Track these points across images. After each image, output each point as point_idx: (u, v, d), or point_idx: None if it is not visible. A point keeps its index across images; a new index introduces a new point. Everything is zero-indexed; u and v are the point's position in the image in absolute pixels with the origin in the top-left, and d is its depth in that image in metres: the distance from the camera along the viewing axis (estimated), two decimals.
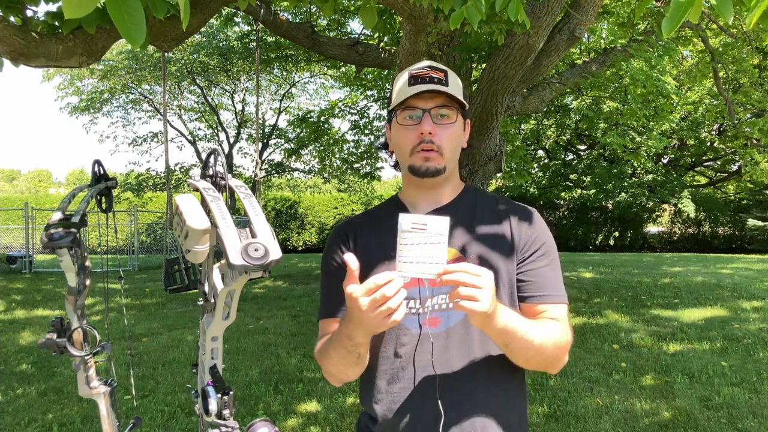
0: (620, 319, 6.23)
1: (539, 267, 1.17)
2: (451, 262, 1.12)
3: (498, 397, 1.16)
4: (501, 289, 1.15)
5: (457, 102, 1.17)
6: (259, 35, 6.82)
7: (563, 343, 1.13)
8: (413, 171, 1.18)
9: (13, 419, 3.64)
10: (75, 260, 1.01)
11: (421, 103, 1.15)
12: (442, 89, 1.14)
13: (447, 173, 1.18)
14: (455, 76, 1.20)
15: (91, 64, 3.40)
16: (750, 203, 19.80)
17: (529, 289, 1.17)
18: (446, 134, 1.16)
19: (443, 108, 1.15)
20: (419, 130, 1.14)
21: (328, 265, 1.27)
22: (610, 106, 9.53)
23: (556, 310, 1.16)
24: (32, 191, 52.20)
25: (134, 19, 0.80)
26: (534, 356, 1.10)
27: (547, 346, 1.10)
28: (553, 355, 1.12)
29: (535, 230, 1.20)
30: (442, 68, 1.18)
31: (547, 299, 1.16)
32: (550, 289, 1.17)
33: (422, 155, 1.15)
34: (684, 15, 1.03)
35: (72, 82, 17.55)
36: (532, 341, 1.07)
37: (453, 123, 1.16)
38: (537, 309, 1.16)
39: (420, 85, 1.14)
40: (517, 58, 4.79)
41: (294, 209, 22.13)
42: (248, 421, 0.90)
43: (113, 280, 2.13)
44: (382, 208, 1.31)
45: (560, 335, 1.13)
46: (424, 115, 1.15)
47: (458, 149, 1.21)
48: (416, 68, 1.18)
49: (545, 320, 1.15)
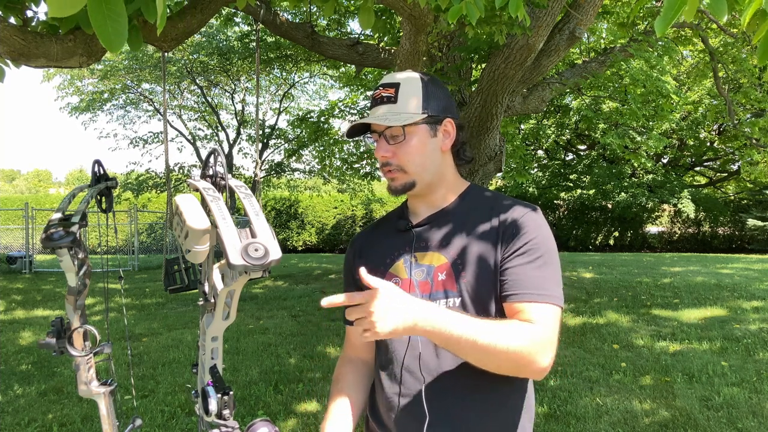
0: (620, 319, 6.23)
1: (518, 265, 1.11)
2: (437, 269, 1.18)
3: (487, 402, 1.15)
4: (484, 293, 1.13)
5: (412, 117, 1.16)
6: (259, 35, 6.82)
7: (525, 349, 1.02)
8: (388, 190, 1.23)
9: (13, 419, 3.64)
10: (75, 260, 1.01)
11: (376, 127, 1.19)
12: (382, 113, 1.15)
13: (422, 185, 1.19)
14: (412, 82, 1.17)
15: (91, 65, 3.39)
16: (750, 203, 19.79)
17: (506, 288, 1.11)
18: (402, 152, 1.17)
19: (392, 128, 1.16)
20: (379, 154, 1.18)
21: (343, 273, 1.37)
22: (610, 106, 9.53)
23: (536, 310, 1.07)
24: (32, 191, 52.21)
25: (116, 24, 0.80)
26: (482, 358, 1.03)
27: (497, 353, 1.01)
28: (511, 358, 1.02)
29: (523, 227, 1.13)
30: (394, 82, 1.17)
31: (524, 297, 1.08)
32: (529, 288, 1.09)
33: (388, 176, 1.20)
34: (677, 14, 1.03)
35: (72, 82, 17.54)
36: (474, 343, 1.00)
37: (403, 141, 1.16)
38: (514, 308, 1.09)
39: (372, 110, 1.19)
40: (517, 58, 4.79)
41: (294, 209, 22.13)
42: (248, 421, 0.90)
43: (113, 280, 2.13)
44: (390, 215, 1.36)
45: (523, 340, 1.02)
46: (379, 139, 1.18)
47: (429, 158, 1.18)
48: (376, 88, 1.20)
49: (513, 322, 1.07)
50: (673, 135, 18.26)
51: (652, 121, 8.85)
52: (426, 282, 1.17)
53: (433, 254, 1.18)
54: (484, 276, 1.13)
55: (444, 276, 1.15)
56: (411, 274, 1.18)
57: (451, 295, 1.14)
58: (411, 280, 1.17)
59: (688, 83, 13.57)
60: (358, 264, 1.23)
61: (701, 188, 21.22)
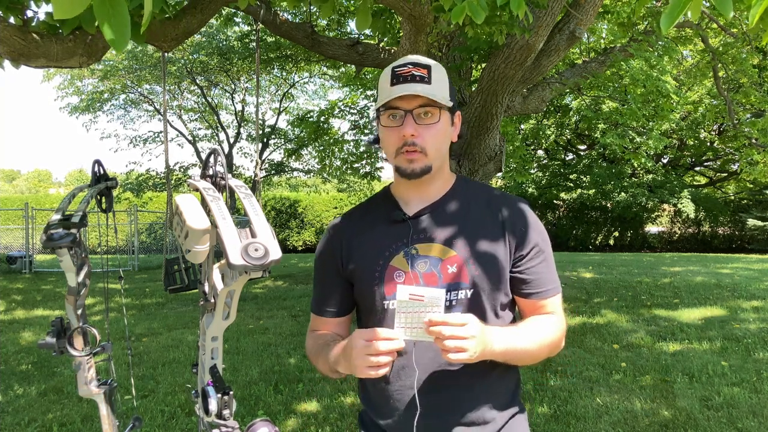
0: (620, 319, 6.23)
1: (536, 265, 1.20)
2: (445, 261, 1.17)
3: (482, 391, 1.19)
4: (495, 285, 1.18)
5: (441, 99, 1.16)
6: (259, 35, 6.83)
7: (558, 338, 1.22)
8: (399, 172, 1.18)
9: (13, 419, 3.64)
10: (75, 260, 1.01)
11: (403, 104, 1.13)
12: (422, 91, 1.11)
13: (434, 171, 1.18)
14: (440, 69, 1.18)
15: (91, 65, 3.39)
16: (750, 203, 19.80)
17: (529, 288, 1.20)
18: (430, 134, 1.14)
19: (426, 107, 1.13)
20: (401, 132, 1.13)
21: (320, 261, 1.31)
22: (610, 106, 9.53)
23: (553, 303, 1.23)
24: (32, 191, 52.23)
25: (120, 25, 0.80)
26: (532, 360, 1.20)
27: (543, 350, 1.19)
28: (549, 352, 1.21)
29: (529, 226, 1.20)
30: (425, 63, 1.15)
31: (546, 294, 1.21)
32: (548, 284, 1.21)
33: (406, 157, 1.14)
34: (682, 11, 1.02)
35: (72, 82, 17.55)
36: (529, 350, 1.15)
37: (436, 122, 1.14)
38: (537, 305, 1.22)
39: (401, 86, 1.11)
40: (517, 58, 4.79)
41: (294, 209, 22.14)
42: (248, 421, 0.90)
43: (113, 280, 2.14)
44: (373, 204, 1.31)
45: (556, 332, 1.21)
46: (406, 117, 1.13)
47: (445, 146, 1.19)
48: (399, 65, 1.14)
49: (542, 319, 1.21)
50: (673, 135, 18.27)
51: (652, 121, 8.86)
52: (432, 274, 1.16)
53: (439, 246, 1.17)
54: (494, 270, 1.17)
55: (455, 269, 1.16)
56: (414, 267, 1.17)
57: (463, 287, 1.16)
58: (414, 272, 1.17)
59: (688, 83, 13.57)
60: (350, 254, 1.24)
61: (701, 188, 21.23)
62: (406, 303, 1.00)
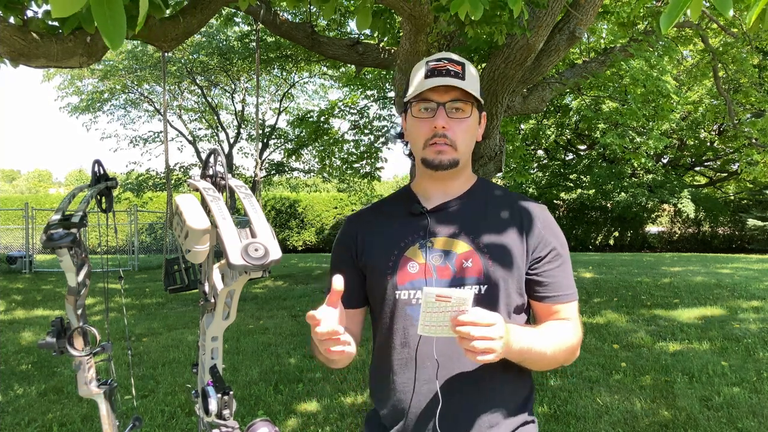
0: (620, 319, 6.23)
1: (553, 268, 1.19)
2: (461, 256, 1.16)
3: (499, 385, 1.18)
4: (509, 284, 1.17)
5: (474, 96, 1.17)
6: (259, 35, 6.83)
7: (575, 345, 1.19)
8: (426, 164, 1.19)
9: (13, 419, 3.64)
10: (75, 260, 1.01)
11: (436, 96, 1.15)
12: (457, 84, 1.14)
13: (460, 166, 1.19)
14: (472, 68, 1.20)
15: (91, 65, 3.39)
16: (750, 203, 19.80)
17: (545, 291, 1.20)
18: (460, 128, 1.16)
19: (458, 102, 1.16)
20: (433, 124, 1.15)
21: (336, 251, 1.31)
22: (610, 106, 9.53)
23: (569, 309, 1.21)
24: (32, 191, 52.20)
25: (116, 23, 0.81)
26: (547, 364, 1.18)
27: (558, 355, 1.16)
28: (564, 358, 1.19)
29: (548, 230, 1.21)
30: (460, 61, 1.18)
31: (562, 299, 1.20)
32: (564, 289, 1.20)
33: (435, 148, 1.16)
34: (682, 10, 1.02)
35: (72, 82, 17.55)
36: (545, 353, 1.13)
37: (467, 117, 1.17)
38: (552, 309, 1.20)
39: (436, 78, 1.14)
40: (517, 58, 4.79)
41: (294, 209, 22.13)
42: (248, 421, 0.90)
43: (113, 280, 2.13)
44: (393, 199, 1.33)
45: (572, 338, 1.19)
46: (438, 109, 1.15)
47: (472, 142, 1.21)
48: (434, 60, 1.18)
49: (558, 324, 1.19)
50: (673, 135, 18.26)
51: (652, 121, 8.85)
52: (446, 267, 1.16)
53: (455, 241, 1.18)
54: (510, 268, 1.17)
55: (470, 263, 1.16)
56: (428, 259, 1.17)
57: (478, 283, 1.16)
58: (428, 264, 1.17)
59: (688, 83, 13.57)
60: (365, 244, 1.24)
61: (701, 188, 21.23)
62: (432, 303, 0.97)
